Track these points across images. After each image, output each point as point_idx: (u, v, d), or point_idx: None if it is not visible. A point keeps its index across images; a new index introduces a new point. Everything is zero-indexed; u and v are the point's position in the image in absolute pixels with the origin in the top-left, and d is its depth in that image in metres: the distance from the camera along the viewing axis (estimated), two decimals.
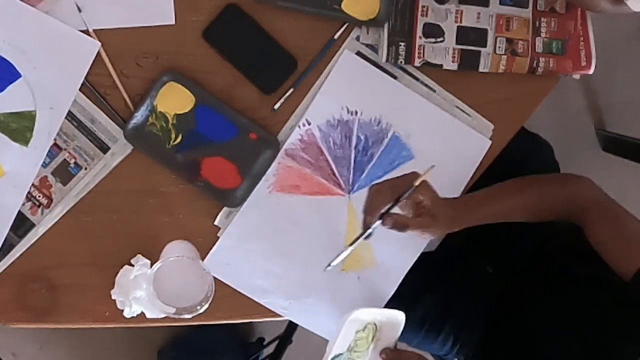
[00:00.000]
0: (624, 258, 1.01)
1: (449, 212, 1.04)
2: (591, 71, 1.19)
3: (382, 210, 1.00)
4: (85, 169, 1.14)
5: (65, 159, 1.14)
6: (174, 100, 1.13)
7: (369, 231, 1.01)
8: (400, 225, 1.00)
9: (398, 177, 1.04)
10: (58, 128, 1.11)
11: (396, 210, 1.01)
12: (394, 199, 0.99)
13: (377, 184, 1.03)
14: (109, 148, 1.14)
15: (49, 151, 1.12)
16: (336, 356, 1.11)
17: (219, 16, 1.13)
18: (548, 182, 1.17)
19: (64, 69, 1.10)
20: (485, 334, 1.23)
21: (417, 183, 0.99)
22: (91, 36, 1.11)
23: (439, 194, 1.04)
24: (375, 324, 1.13)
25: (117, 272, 1.14)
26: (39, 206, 1.14)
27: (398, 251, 1.20)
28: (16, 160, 1.11)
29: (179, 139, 1.14)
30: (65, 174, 1.14)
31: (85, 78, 1.11)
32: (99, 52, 1.11)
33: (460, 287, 1.28)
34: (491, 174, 1.20)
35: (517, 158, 1.27)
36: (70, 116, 1.12)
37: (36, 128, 1.11)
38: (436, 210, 1.02)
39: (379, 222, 1.00)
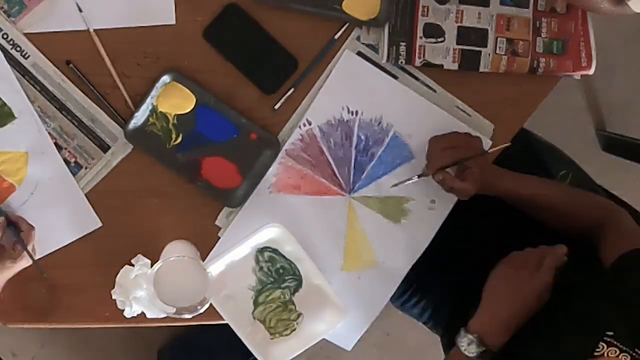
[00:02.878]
0: (611, 249, 1.03)
1: (495, 170, 1.14)
2: (591, 71, 1.19)
3: (439, 167, 1.10)
4: (86, 168, 1.14)
5: (65, 158, 1.14)
6: (175, 100, 1.13)
7: (416, 178, 1.14)
8: (446, 185, 1.11)
9: (461, 136, 1.13)
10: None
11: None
12: (455, 159, 1.10)
13: (441, 139, 1.13)
14: (109, 147, 1.14)
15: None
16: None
17: (219, 16, 1.13)
18: (585, 192, 1.19)
19: None
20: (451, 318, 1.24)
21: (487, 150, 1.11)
22: (91, 36, 1.11)
23: (488, 161, 1.14)
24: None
25: (117, 272, 1.14)
26: None
27: (398, 251, 1.20)
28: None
29: (179, 139, 1.14)
30: None
31: (85, 78, 1.12)
32: (99, 52, 1.11)
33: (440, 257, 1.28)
34: None
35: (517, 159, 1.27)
36: (71, 115, 1.13)
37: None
38: (482, 177, 1.10)
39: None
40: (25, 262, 1.10)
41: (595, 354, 0.89)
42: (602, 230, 1.08)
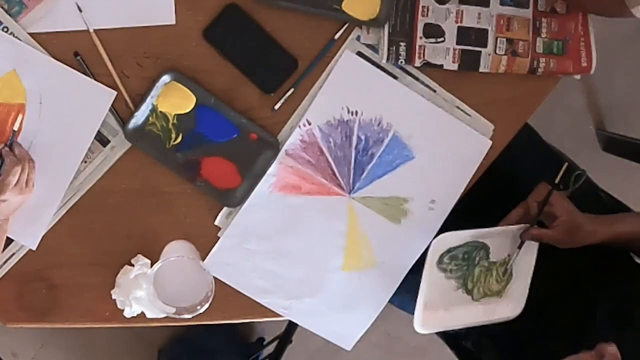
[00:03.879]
0: None
1: (589, 226, 1.09)
2: (592, 71, 1.19)
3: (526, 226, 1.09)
4: (85, 162, 1.14)
5: None
6: (175, 100, 1.13)
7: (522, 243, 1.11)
8: (532, 237, 1.09)
9: (533, 194, 1.11)
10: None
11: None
12: (532, 216, 1.08)
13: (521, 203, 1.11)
14: (109, 141, 1.14)
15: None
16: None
17: (219, 16, 1.13)
18: None
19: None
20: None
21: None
22: (91, 36, 1.11)
23: (576, 209, 1.09)
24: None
25: (117, 272, 1.15)
26: None
27: (398, 251, 1.20)
28: None
29: (179, 139, 1.14)
30: None
31: (90, 71, 1.12)
32: (99, 52, 1.11)
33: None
34: (491, 175, 1.20)
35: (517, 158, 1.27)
36: None
37: None
38: (572, 225, 1.08)
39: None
40: (20, 197, 1.08)
41: None
42: None
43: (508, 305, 1.14)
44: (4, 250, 1.13)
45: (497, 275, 1.13)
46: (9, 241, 1.14)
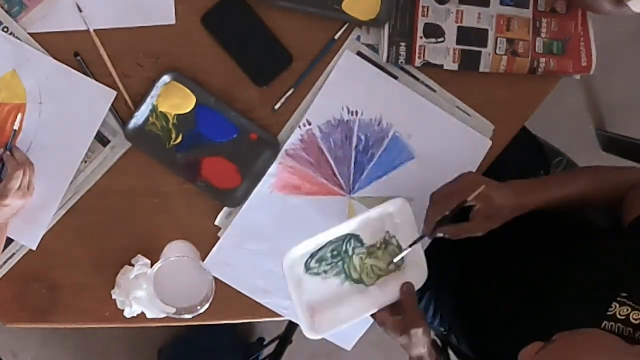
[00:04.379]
0: (630, 209, 1.00)
1: (510, 201, 1.04)
2: (591, 71, 1.19)
3: (436, 220, 1.03)
4: (85, 162, 1.14)
5: None
6: (175, 100, 1.13)
7: (420, 238, 1.06)
8: (452, 234, 1.04)
9: (453, 183, 1.06)
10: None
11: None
12: (450, 207, 1.02)
13: (435, 193, 1.06)
14: (109, 141, 1.14)
15: None
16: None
17: (218, 4, 1.12)
18: (608, 169, 1.14)
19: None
20: (457, 302, 1.22)
21: (470, 198, 1.01)
22: (91, 36, 1.11)
23: (494, 190, 1.04)
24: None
25: (117, 272, 1.14)
26: None
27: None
28: None
29: (179, 139, 1.14)
30: None
31: (89, 71, 1.12)
32: (99, 52, 1.11)
33: (436, 256, 1.26)
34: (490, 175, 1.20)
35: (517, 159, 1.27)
36: None
37: None
38: (491, 210, 1.03)
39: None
40: (21, 201, 1.08)
41: (608, 313, 0.88)
42: (626, 193, 1.04)
43: (411, 275, 1.09)
44: (3, 250, 1.13)
45: (383, 254, 1.09)
46: (9, 241, 1.14)
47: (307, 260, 1.07)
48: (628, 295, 0.88)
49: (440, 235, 1.04)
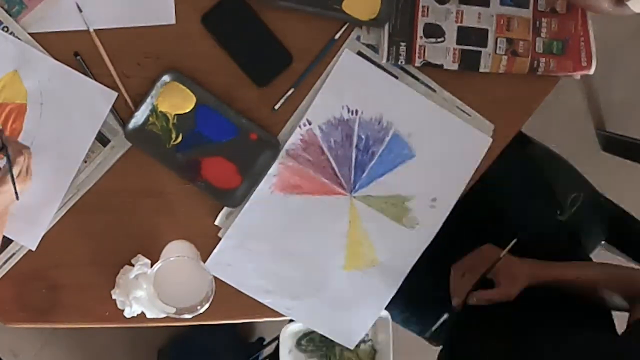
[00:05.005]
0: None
1: (526, 269, 1.14)
2: (591, 71, 1.19)
3: (467, 290, 1.14)
4: (86, 161, 1.14)
5: None
6: (175, 100, 1.13)
7: (455, 309, 1.17)
8: (484, 301, 1.13)
9: (473, 255, 1.18)
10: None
11: None
12: (475, 278, 1.13)
13: (458, 265, 1.18)
14: (109, 141, 1.14)
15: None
16: None
17: (219, 3, 1.12)
18: (622, 267, 1.21)
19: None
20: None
21: (500, 256, 1.13)
22: (91, 36, 1.11)
23: (512, 258, 1.15)
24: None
25: (117, 272, 1.14)
26: None
27: (400, 250, 1.20)
28: None
29: (179, 139, 1.14)
30: None
31: (90, 71, 1.12)
32: (99, 52, 1.11)
33: (444, 264, 1.28)
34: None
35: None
36: None
37: None
38: (514, 273, 1.13)
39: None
40: (21, 186, 1.05)
41: None
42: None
43: None
44: (2, 250, 1.13)
45: (362, 352, 1.25)
46: (9, 241, 1.14)
47: (300, 338, 1.24)
48: None
49: (472, 302, 1.13)
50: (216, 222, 1.18)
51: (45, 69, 1.10)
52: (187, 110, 1.14)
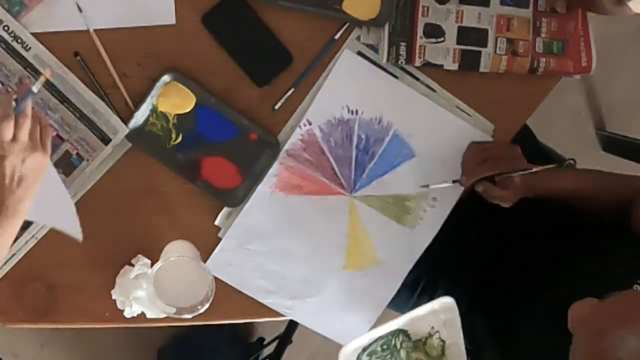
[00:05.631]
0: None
1: (526, 183, 1.13)
2: (592, 71, 1.19)
3: (479, 177, 1.13)
4: (87, 160, 1.14)
5: (67, 150, 1.13)
6: (175, 100, 1.13)
7: (451, 183, 1.16)
8: (487, 194, 1.13)
9: (500, 147, 1.17)
10: None
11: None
12: (493, 171, 1.12)
13: (482, 151, 1.16)
14: (110, 139, 1.14)
15: (52, 142, 1.05)
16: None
17: (219, 3, 1.12)
18: (618, 174, 1.20)
19: None
20: (475, 294, 1.23)
21: (534, 169, 1.11)
22: (91, 36, 1.11)
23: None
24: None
25: (117, 272, 1.15)
26: None
27: (400, 250, 1.20)
28: None
29: (179, 139, 1.14)
30: (67, 165, 1.13)
31: (89, 70, 1.12)
32: (99, 52, 1.11)
33: (452, 247, 1.27)
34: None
35: None
36: (72, 107, 1.12)
37: None
38: (519, 186, 1.12)
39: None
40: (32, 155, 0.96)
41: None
42: (634, 205, 1.09)
43: None
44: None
45: (429, 347, 1.16)
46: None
47: (359, 355, 1.11)
48: None
49: (479, 189, 1.13)
50: (216, 222, 1.18)
51: None
52: (187, 110, 1.14)
